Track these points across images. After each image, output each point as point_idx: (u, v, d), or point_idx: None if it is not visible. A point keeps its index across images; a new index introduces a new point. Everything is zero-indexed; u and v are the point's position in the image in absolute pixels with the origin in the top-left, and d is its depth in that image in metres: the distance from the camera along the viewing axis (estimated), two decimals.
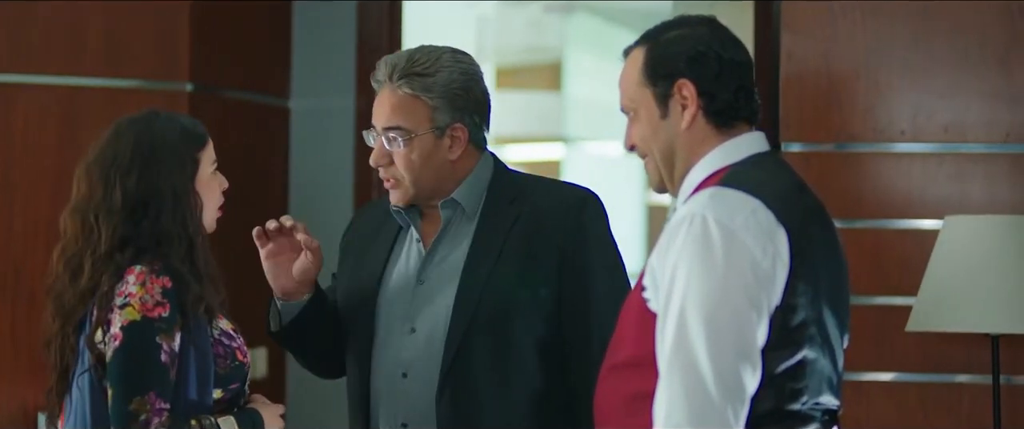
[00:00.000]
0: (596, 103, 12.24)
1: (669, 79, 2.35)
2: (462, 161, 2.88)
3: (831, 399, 2.30)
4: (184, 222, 2.66)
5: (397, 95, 2.84)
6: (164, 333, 2.57)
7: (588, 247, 2.84)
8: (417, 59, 2.85)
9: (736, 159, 2.34)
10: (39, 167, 4.38)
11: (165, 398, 2.57)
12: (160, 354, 2.57)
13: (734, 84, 2.35)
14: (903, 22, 3.99)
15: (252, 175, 4.81)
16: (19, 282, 4.35)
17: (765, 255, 2.21)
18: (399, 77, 2.84)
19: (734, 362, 2.17)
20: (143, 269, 2.61)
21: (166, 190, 2.66)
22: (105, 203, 2.65)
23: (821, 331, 2.27)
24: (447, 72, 2.85)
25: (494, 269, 2.82)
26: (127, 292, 2.59)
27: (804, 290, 2.24)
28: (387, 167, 2.87)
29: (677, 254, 2.22)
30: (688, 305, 2.18)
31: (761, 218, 2.22)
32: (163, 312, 2.58)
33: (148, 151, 2.67)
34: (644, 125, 2.40)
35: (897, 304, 3.90)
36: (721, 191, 2.26)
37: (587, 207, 2.88)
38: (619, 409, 2.31)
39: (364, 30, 5.07)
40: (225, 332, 2.70)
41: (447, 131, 2.85)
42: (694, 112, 2.35)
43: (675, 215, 2.29)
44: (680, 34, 2.38)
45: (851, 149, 4.01)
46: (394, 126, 2.84)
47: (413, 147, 2.84)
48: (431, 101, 2.83)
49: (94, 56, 4.42)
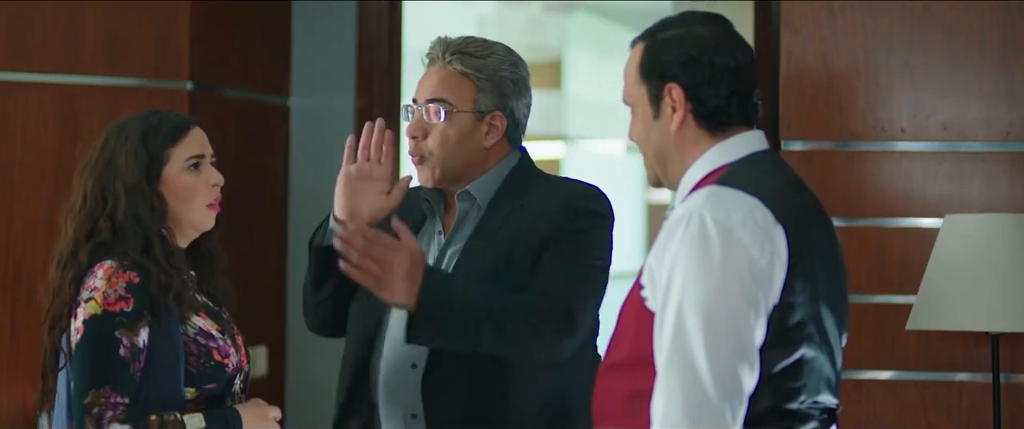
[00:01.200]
0: (596, 102, 12.25)
1: (660, 81, 2.35)
2: (494, 151, 2.91)
3: (830, 398, 2.30)
4: (137, 217, 2.67)
5: (447, 70, 2.89)
6: (124, 328, 2.59)
7: (564, 230, 2.82)
8: (471, 42, 2.91)
9: (734, 158, 2.33)
10: (39, 166, 4.38)
11: (122, 392, 2.57)
12: (118, 348, 2.58)
13: (726, 89, 2.34)
14: (902, 21, 3.99)
15: (252, 174, 4.81)
16: (19, 281, 4.35)
17: (763, 254, 2.20)
18: (452, 54, 2.88)
19: (732, 361, 2.16)
20: (112, 264, 2.63)
21: (119, 187, 2.68)
22: (73, 204, 2.71)
23: (819, 330, 2.27)
24: (498, 59, 2.90)
25: (482, 260, 2.83)
26: (93, 286, 2.62)
27: (802, 289, 2.24)
28: (420, 141, 2.88)
29: (675, 253, 2.22)
30: (686, 304, 2.18)
31: (759, 217, 2.22)
32: (125, 306, 2.60)
33: (110, 151, 2.71)
34: (639, 122, 2.41)
35: (897, 302, 3.90)
36: (718, 190, 2.25)
37: (586, 198, 2.88)
38: (617, 408, 2.31)
39: (364, 29, 5.07)
40: (203, 331, 2.70)
41: (487, 117, 2.89)
42: (682, 116, 2.34)
43: (673, 214, 2.29)
44: (676, 35, 2.36)
45: (851, 148, 4.01)
46: (438, 98, 2.87)
47: (452, 123, 2.87)
48: (479, 82, 2.88)
49: (94, 55, 4.42)
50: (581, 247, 2.83)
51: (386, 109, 5.04)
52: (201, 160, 2.75)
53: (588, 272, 2.84)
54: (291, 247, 5.02)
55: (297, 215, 5.05)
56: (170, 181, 2.72)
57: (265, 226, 4.92)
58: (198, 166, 2.75)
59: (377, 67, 5.07)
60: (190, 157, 2.74)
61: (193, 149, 2.74)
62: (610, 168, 13.19)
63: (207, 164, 2.77)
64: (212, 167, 2.77)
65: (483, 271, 2.81)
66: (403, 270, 2.66)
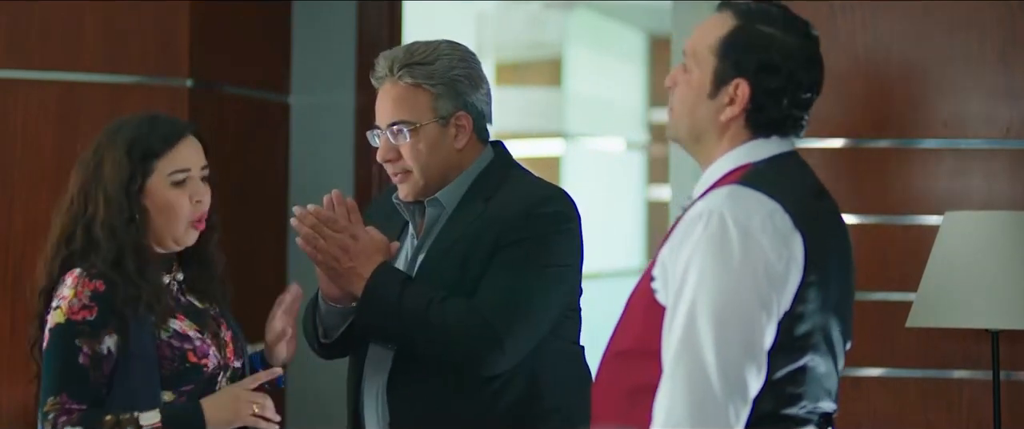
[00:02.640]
0: (596, 99, 12.24)
1: (734, 70, 2.31)
2: (467, 152, 2.89)
3: (828, 404, 2.30)
4: (113, 229, 2.64)
5: (399, 87, 2.85)
6: (85, 336, 2.58)
7: (517, 238, 2.80)
8: (415, 50, 2.87)
9: (759, 157, 2.32)
10: (38, 164, 4.37)
11: (79, 399, 2.57)
12: (78, 356, 2.58)
13: (789, 106, 2.32)
14: (902, 19, 3.99)
15: (252, 171, 4.80)
16: (19, 280, 4.35)
17: (780, 259, 2.20)
18: (399, 68, 2.85)
19: (740, 362, 2.16)
20: (80, 272, 2.63)
21: (99, 197, 2.66)
22: (62, 201, 2.70)
23: (826, 339, 2.27)
24: (446, 59, 2.86)
25: (437, 266, 2.83)
26: (61, 294, 2.63)
27: (814, 297, 2.23)
28: (394, 161, 2.88)
29: (691, 250, 2.21)
30: (699, 302, 2.18)
31: (778, 221, 2.21)
32: (88, 315, 2.59)
33: (99, 153, 2.69)
34: (691, 88, 2.35)
35: (897, 300, 3.90)
36: (740, 190, 2.24)
37: (542, 203, 2.85)
38: (619, 400, 2.31)
39: (364, 26, 5.07)
40: (178, 333, 2.68)
41: (451, 120, 2.86)
42: (736, 114, 2.32)
43: (691, 210, 2.28)
44: (770, 34, 2.32)
45: (851, 145, 4.01)
46: (399, 120, 2.85)
47: (419, 138, 2.85)
48: (433, 89, 2.84)
49: (94, 52, 4.42)
50: (532, 254, 2.80)
51: None
52: (187, 174, 2.69)
53: (532, 281, 2.79)
54: (291, 245, 5.02)
55: None
56: (152, 195, 2.67)
57: (265, 224, 4.92)
58: (184, 182, 2.68)
59: None
60: (175, 171, 2.67)
61: (179, 163, 2.68)
62: (610, 165, 13.19)
63: (195, 179, 2.69)
64: (200, 182, 2.71)
65: (442, 278, 2.81)
66: (361, 259, 2.78)
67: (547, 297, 2.82)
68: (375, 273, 2.79)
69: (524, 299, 2.78)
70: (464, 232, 2.83)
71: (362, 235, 2.82)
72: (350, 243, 2.80)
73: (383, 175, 5.03)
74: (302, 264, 5.02)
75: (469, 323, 2.75)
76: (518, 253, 2.79)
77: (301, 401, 4.93)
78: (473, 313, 2.75)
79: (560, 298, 2.85)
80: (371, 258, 2.80)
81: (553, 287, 2.83)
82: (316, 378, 4.99)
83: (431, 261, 2.85)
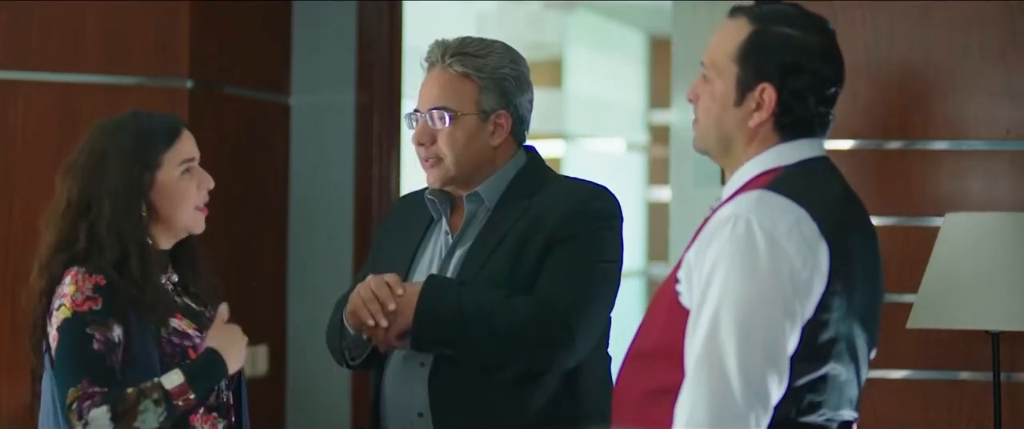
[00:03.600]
0: (597, 100, 12.23)
1: (757, 76, 2.30)
2: (501, 150, 2.91)
3: (849, 412, 2.30)
4: (119, 231, 2.66)
5: (447, 74, 2.88)
6: (96, 324, 2.59)
7: (571, 234, 2.82)
8: (469, 42, 2.90)
9: (788, 161, 2.31)
10: (39, 165, 4.37)
11: (99, 383, 2.57)
12: (92, 343, 2.59)
13: (815, 105, 2.31)
14: (903, 20, 3.99)
15: (252, 172, 4.80)
16: (19, 280, 4.33)
17: (805, 266, 2.19)
18: (451, 56, 2.88)
19: (762, 368, 2.15)
20: (78, 269, 2.64)
21: (104, 196, 2.67)
22: (55, 207, 2.71)
23: (849, 347, 2.27)
24: (498, 57, 2.90)
25: (488, 260, 2.83)
26: (63, 293, 2.64)
27: (838, 306, 2.23)
28: (428, 146, 2.88)
29: (717, 254, 2.21)
30: (723, 307, 2.17)
31: (805, 229, 2.20)
32: (94, 305, 2.61)
33: (97, 156, 2.70)
34: (715, 99, 2.34)
35: (898, 301, 3.90)
36: (767, 195, 2.23)
37: (593, 199, 2.88)
38: (639, 400, 2.31)
39: (364, 26, 5.07)
40: (177, 331, 2.69)
41: (491, 116, 2.88)
42: (764, 119, 2.31)
43: (718, 213, 2.27)
44: (789, 35, 2.31)
45: (852, 146, 4.01)
46: (441, 106, 2.87)
47: (458, 126, 2.87)
48: (480, 81, 2.87)
49: (94, 53, 4.41)
50: (587, 251, 2.82)
51: (386, 107, 5.04)
52: (192, 163, 2.75)
53: (594, 277, 2.82)
54: (291, 245, 5.02)
55: (297, 213, 5.04)
56: (164, 186, 2.71)
57: (265, 224, 4.92)
58: (190, 170, 2.74)
59: (378, 65, 5.07)
60: (184, 161, 2.73)
61: (186, 152, 2.74)
62: (610, 167, 13.17)
63: (197, 167, 2.76)
64: (203, 170, 2.77)
65: (491, 271, 2.81)
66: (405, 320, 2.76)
67: (606, 293, 2.85)
68: (426, 287, 2.77)
69: (589, 295, 2.80)
70: (512, 227, 2.84)
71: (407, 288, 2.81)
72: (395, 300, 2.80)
73: (383, 176, 5.05)
74: (302, 264, 5.03)
75: (542, 319, 2.75)
76: (574, 249, 2.80)
77: (302, 400, 4.93)
78: (545, 308, 2.75)
79: (613, 294, 2.87)
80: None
81: (608, 283, 2.86)
82: (317, 378, 4.98)
83: (478, 254, 2.84)
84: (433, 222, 2.96)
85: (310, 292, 4.98)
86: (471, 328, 2.75)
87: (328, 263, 4.96)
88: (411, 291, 2.78)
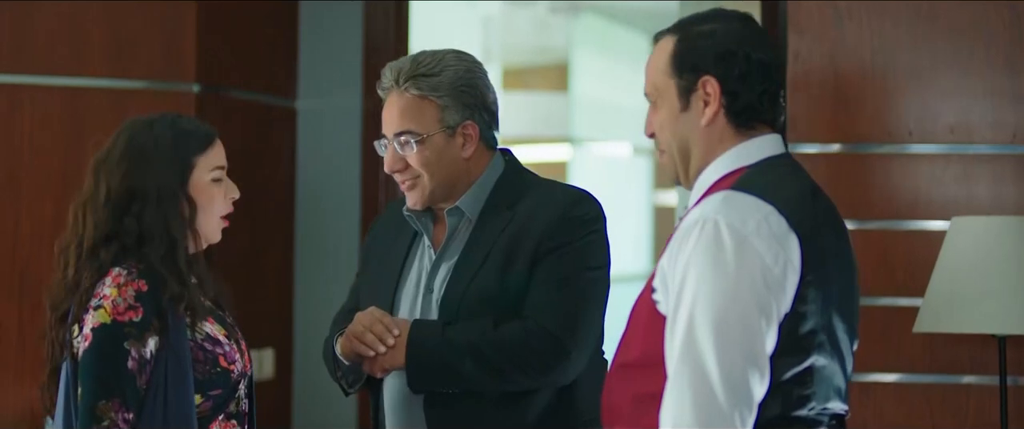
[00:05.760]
0: (603, 104, 12.24)
1: (694, 74, 2.33)
2: (474, 160, 2.89)
3: (839, 404, 2.30)
4: (166, 222, 2.66)
5: (405, 98, 2.85)
6: (133, 339, 2.58)
7: (557, 244, 2.81)
8: (421, 61, 2.86)
9: (751, 161, 2.32)
10: (45, 168, 4.38)
11: (129, 407, 2.57)
12: (127, 360, 2.57)
13: (760, 86, 2.33)
14: (908, 23, 3.99)
15: (258, 175, 4.81)
16: (25, 282, 4.35)
17: (776, 262, 2.20)
18: (405, 80, 2.84)
19: (742, 368, 2.16)
20: (121, 271, 2.62)
21: (150, 189, 2.66)
22: (93, 198, 2.68)
23: (831, 338, 2.26)
24: (452, 71, 2.85)
25: (476, 275, 2.82)
26: (102, 293, 2.61)
27: (814, 297, 2.23)
28: (402, 172, 2.88)
29: (688, 258, 2.21)
30: (697, 310, 2.18)
31: (773, 224, 2.21)
32: (134, 316, 2.59)
33: (139, 149, 2.69)
34: (664, 115, 2.38)
35: (904, 305, 3.90)
36: (734, 195, 2.24)
37: (575, 206, 2.86)
38: (627, 409, 2.31)
39: (370, 30, 5.08)
40: (210, 337, 2.69)
41: (458, 129, 2.86)
42: (715, 110, 2.33)
43: (687, 218, 2.28)
44: (712, 29, 2.35)
45: (857, 150, 4.01)
46: (405, 131, 2.85)
47: (426, 147, 2.84)
48: (440, 100, 2.84)
49: (99, 57, 4.42)
50: (573, 261, 2.81)
51: None
52: (222, 172, 2.75)
53: (584, 288, 2.82)
54: (298, 249, 5.02)
55: (304, 217, 5.05)
56: (195, 190, 2.71)
57: (272, 228, 4.92)
58: (220, 178, 2.74)
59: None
60: (216, 168, 2.73)
61: (219, 160, 2.74)
62: (617, 170, 13.18)
63: (226, 176, 2.76)
64: (230, 180, 2.77)
65: (478, 288, 2.81)
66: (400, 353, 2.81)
67: (597, 300, 2.84)
68: (413, 331, 2.80)
69: (580, 306, 2.80)
70: (496, 241, 2.83)
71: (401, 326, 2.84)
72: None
73: (389, 180, 5.05)
74: (309, 267, 5.03)
75: (535, 344, 2.76)
76: (562, 260, 2.80)
77: (308, 404, 4.93)
78: (536, 332, 2.76)
79: (604, 301, 2.87)
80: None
81: (599, 291, 2.85)
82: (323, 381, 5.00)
83: (462, 273, 2.83)
84: (417, 235, 2.96)
85: (316, 296, 4.99)
86: (467, 368, 2.77)
87: (334, 267, 4.97)
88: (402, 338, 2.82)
